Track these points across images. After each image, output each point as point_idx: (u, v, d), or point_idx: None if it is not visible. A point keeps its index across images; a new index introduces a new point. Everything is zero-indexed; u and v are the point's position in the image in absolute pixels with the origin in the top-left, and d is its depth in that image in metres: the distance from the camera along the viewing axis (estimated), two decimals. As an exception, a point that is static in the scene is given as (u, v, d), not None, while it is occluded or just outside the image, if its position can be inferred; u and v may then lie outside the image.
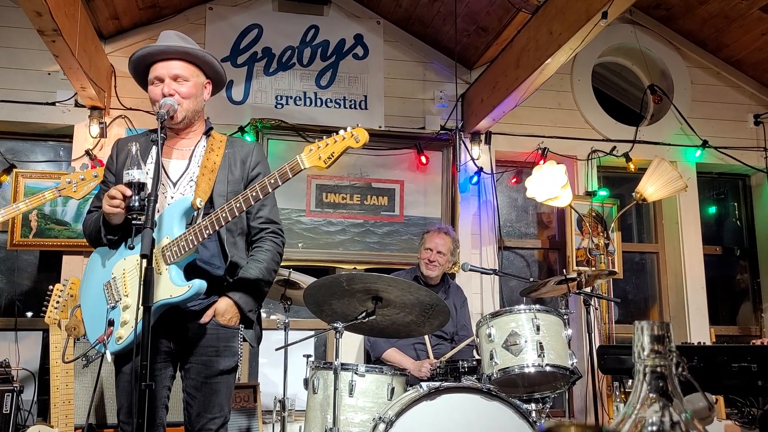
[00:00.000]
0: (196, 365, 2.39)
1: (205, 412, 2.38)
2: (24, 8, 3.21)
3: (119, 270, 2.38)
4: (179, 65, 2.47)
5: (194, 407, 2.39)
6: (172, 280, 2.28)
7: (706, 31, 5.34)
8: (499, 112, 4.68)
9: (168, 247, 2.30)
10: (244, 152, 2.57)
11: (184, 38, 2.55)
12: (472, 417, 2.79)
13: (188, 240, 2.27)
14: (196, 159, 2.50)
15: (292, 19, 5.08)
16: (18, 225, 4.36)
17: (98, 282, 2.43)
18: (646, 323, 0.91)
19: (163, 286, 2.27)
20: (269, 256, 2.50)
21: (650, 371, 0.90)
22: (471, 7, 4.70)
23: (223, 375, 2.41)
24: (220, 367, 2.40)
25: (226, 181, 2.47)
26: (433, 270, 4.00)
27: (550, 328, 3.13)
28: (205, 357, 2.39)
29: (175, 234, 2.31)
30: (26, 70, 4.61)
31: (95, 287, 2.43)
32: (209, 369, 2.39)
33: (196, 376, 2.39)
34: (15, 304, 4.50)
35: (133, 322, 2.24)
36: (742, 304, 5.72)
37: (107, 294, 2.38)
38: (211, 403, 2.39)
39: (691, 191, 5.32)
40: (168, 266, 2.29)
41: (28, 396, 4.15)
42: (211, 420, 2.38)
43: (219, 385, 2.40)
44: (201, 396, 2.39)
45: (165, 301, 2.26)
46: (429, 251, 4.01)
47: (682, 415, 0.88)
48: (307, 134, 4.88)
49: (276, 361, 4.24)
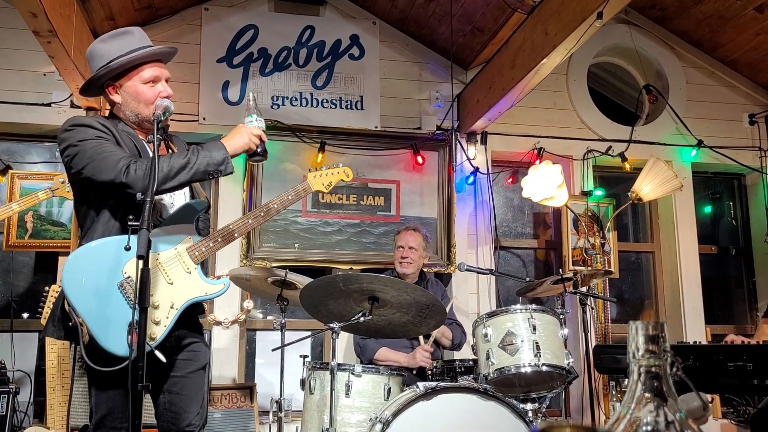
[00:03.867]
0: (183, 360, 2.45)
1: (190, 408, 2.41)
2: (19, 9, 3.20)
3: (132, 269, 2.21)
4: (165, 68, 2.52)
5: (179, 404, 2.40)
6: (202, 278, 2.40)
7: (701, 31, 5.36)
8: (495, 112, 4.69)
9: (196, 246, 2.39)
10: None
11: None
12: (468, 417, 2.79)
13: (217, 241, 2.44)
14: None
15: (287, 20, 5.08)
16: (14, 226, 4.35)
17: (105, 282, 2.27)
18: (641, 323, 0.92)
19: (194, 284, 2.37)
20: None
21: (645, 371, 0.91)
22: (466, 8, 4.70)
23: (204, 369, 2.49)
24: (204, 361, 2.49)
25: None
26: (408, 267, 4.07)
27: (547, 327, 3.13)
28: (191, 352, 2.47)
29: (195, 234, 2.42)
30: (22, 71, 4.60)
31: (102, 288, 2.27)
32: (194, 363, 2.46)
33: (182, 371, 2.43)
34: (11, 305, 4.49)
35: (165, 321, 2.30)
36: (737, 303, 5.74)
37: (126, 294, 2.25)
38: (197, 398, 2.43)
39: (687, 191, 5.33)
40: (197, 266, 2.39)
41: (24, 397, 4.14)
42: (198, 414, 2.41)
43: (202, 380, 2.46)
44: (187, 392, 2.41)
45: (199, 299, 2.39)
46: (401, 249, 4.11)
47: (676, 414, 0.88)
48: (303, 135, 4.89)
49: (272, 362, 4.24)
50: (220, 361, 4.56)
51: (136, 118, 2.46)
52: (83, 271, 2.27)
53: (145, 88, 2.44)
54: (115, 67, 2.41)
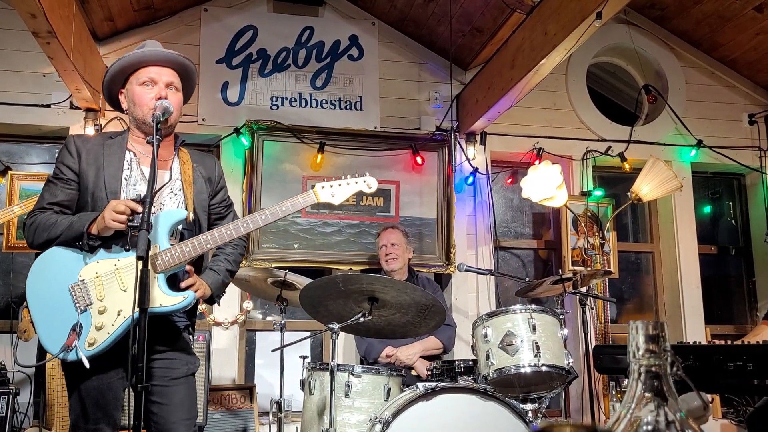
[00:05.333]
0: (162, 368, 2.35)
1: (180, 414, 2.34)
2: (18, 10, 3.20)
3: (90, 273, 2.28)
4: (172, 74, 2.48)
5: (166, 411, 2.33)
6: (161, 288, 2.25)
7: (700, 31, 5.36)
8: (495, 113, 4.69)
9: (159, 255, 2.27)
10: (209, 167, 2.60)
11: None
12: (468, 417, 2.79)
13: (184, 251, 2.28)
14: (176, 171, 2.49)
15: (287, 21, 5.08)
16: (14, 228, 4.36)
17: (59, 284, 2.29)
18: (641, 323, 0.91)
19: (151, 294, 2.18)
20: (236, 251, 2.62)
21: (645, 371, 0.90)
22: (465, 8, 4.70)
23: (192, 376, 2.42)
24: (191, 367, 2.42)
25: (202, 194, 2.52)
26: (394, 263, 4.15)
27: (546, 328, 3.13)
28: (170, 359, 2.37)
29: (163, 243, 2.28)
30: (21, 72, 4.60)
31: (55, 289, 2.29)
32: (177, 370, 2.37)
33: (163, 379, 2.35)
34: (11, 306, 4.48)
35: (109, 327, 2.21)
36: (737, 303, 5.74)
37: (75, 297, 2.27)
38: (187, 404, 2.37)
39: (686, 191, 5.33)
40: (157, 274, 2.26)
41: (24, 398, 4.14)
42: (191, 418, 2.36)
43: (190, 386, 2.40)
44: (175, 398, 2.35)
45: (158, 310, 2.23)
46: (384, 247, 4.21)
47: (677, 414, 0.88)
48: (302, 135, 4.89)
49: (272, 363, 4.24)
50: (220, 362, 4.55)
51: (135, 122, 2.47)
52: (39, 274, 2.34)
53: (140, 89, 2.43)
54: (113, 70, 2.46)
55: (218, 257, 2.57)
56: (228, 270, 2.56)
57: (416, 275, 4.32)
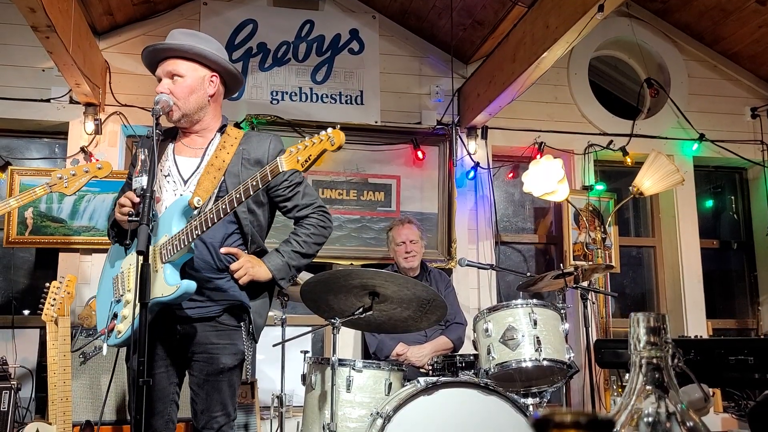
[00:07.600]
0: (198, 362, 2.40)
1: (207, 410, 2.38)
2: (17, 4, 3.19)
3: (126, 265, 2.43)
4: (174, 62, 2.47)
5: (198, 404, 2.40)
6: (165, 279, 2.27)
7: (702, 24, 5.33)
8: (496, 107, 4.67)
9: (164, 245, 2.30)
10: (260, 149, 2.52)
11: (189, 33, 2.52)
12: (469, 412, 2.78)
13: (180, 239, 2.26)
14: (207, 157, 2.49)
15: (287, 14, 5.06)
16: (14, 222, 4.35)
17: (110, 275, 2.51)
18: (642, 315, 0.91)
19: (158, 284, 2.26)
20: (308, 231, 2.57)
21: (646, 362, 0.90)
22: (467, 1, 4.68)
23: (225, 373, 2.40)
24: (221, 365, 2.39)
25: (239, 179, 2.41)
26: (413, 260, 4.10)
27: (547, 322, 3.13)
28: (206, 354, 2.39)
29: (173, 233, 2.30)
30: (20, 67, 4.59)
31: (107, 280, 2.52)
32: (210, 366, 2.39)
33: (198, 373, 2.40)
34: (11, 301, 4.49)
35: (130, 318, 2.23)
36: (739, 298, 5.73)
37: (115, 288, 2.44)
38: (213, 400, 2.38)
39: (688, 185, 5.31)
40: (163, 264, 2.28)
41: (25, 393, 4.15)
42: (213, 418, 2.38)
43: (221, 383, 2.39)
44: (203, 393, 2.39)
45: (157, 300, 2.24)
46: (403, 244, 4.10)
47: (677, 406, 0.87)
48: (302, 130, 4.87)
49: (273, 358, 4.23)
50: (221, 357, 4.55)
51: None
52: (105, 266, 2.59)
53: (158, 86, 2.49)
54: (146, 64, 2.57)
55: (288, 239, 2.57)
56: (296, 251, 2.52)
57: (428, 270, 4.28)
